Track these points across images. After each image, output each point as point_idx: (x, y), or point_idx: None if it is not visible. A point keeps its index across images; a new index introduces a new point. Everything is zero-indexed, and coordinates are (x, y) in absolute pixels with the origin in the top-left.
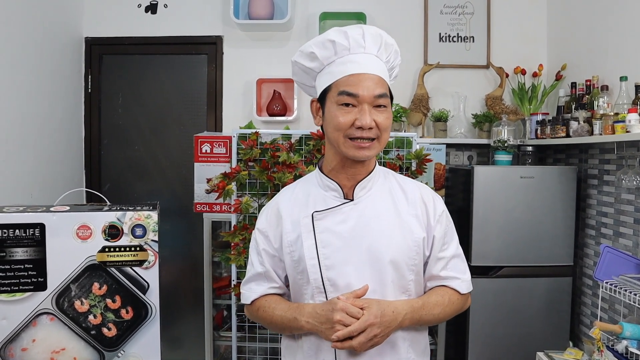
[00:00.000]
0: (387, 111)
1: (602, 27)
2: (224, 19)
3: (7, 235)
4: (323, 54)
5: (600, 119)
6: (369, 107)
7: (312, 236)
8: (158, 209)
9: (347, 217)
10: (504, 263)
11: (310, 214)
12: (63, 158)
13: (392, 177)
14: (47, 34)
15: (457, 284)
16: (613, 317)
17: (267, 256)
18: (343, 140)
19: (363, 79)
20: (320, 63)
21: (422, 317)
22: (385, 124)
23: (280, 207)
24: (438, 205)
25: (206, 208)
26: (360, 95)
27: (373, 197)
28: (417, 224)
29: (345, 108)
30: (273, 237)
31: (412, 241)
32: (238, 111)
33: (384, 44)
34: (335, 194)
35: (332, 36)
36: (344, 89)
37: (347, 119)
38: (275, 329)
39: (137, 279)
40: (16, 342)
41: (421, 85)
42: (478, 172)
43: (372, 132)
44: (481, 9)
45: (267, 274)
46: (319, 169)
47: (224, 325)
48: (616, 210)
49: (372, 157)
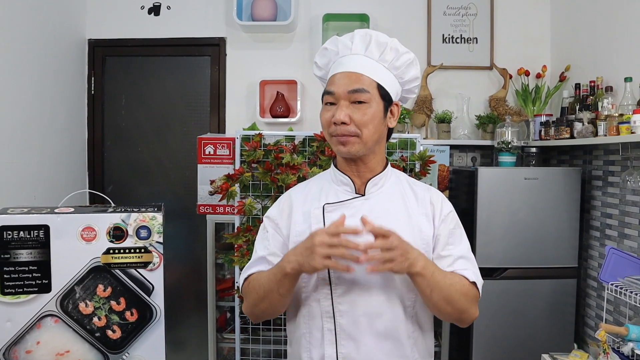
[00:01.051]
0: (367, 107)
1: (606, 27)
2: (227, 20)
3: (12, 237)
4: (322, 62)
5: (605, 120)
6: (345, 103)
7: (322, 227)
8: (163, 210)
9: (357, 212)
10: (508, 265)
11: (322, 206)
12: (66, 159)
13: (403, 177)
14: (51, 36)
15: (467, 273)
16: (618, 319)
17: (274, 241)
18: (329, 138)
19: (341, 77)
20: (325, 71)
21: (434, 273)
22: (361, 120)
23: (293, 199)
24: (445, 207)
25: (209, 210)
26: (334, 91)
27: (384, 195)
28: (426, 222)
29: (328, 107)
30: (283, 225)
31: (420, 240)
32: (241, 113)
33: (374, 43)
34: (347, 189)
35: (326, 44)
36: (326, 88)
37: (327, 116)
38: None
39: (141, 280)
40: (20, 345)
41: (424, 86)
42: (482, 174)
43: (346, 129)
44: (484, 10)
45: (268, 258)
46: (334, 165)
47: (227, 327)
48: (621, 212)
49: (360, 154)
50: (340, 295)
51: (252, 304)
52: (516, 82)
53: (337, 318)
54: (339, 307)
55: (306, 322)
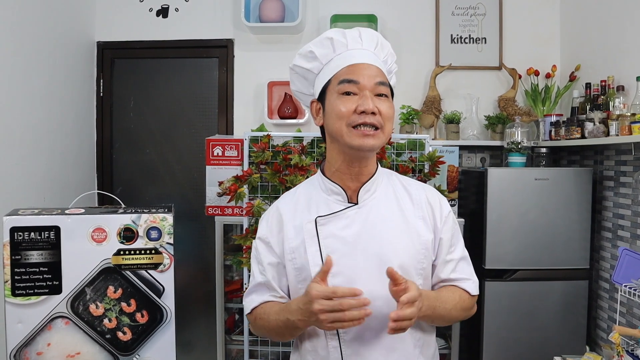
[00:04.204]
0: (389, 101)
1: (616, 26)
2: (234, 22)
3: (23, 238)
4: (322, 52)
5: (617, 119)
6: (370, 94)
7: (316, 242)
8: (173, 211)
9: (351, 222)
10: (519, 266)
11: (314, 219)
12: (75, 161)
13: (395, 178)
14: (60, 39)
15: (468, 285)
16: (631, 321)
17: (269, 265)
18: (347, 130)
19: (363, 67)
20: (319, 63)
21: (436, 307)
22: (388, 112)
23: (281, 212)
24: (444, 207)
25: (218, 211)
26: (361, 81)
27: (378, 200)
28: (424, 226)
29: (347, 97)
30: (275, 243)
31: (419, 244)
32: (249, 114)
33: (380, 44)
34: (339, 198)
35: (330, 34)
36: (344, 77)
37: (349, 106)
38: (277, 336)
39: (152, 282)
40: (31, 346)
41: (433, 87)
42: (492, 174)
43: (376, 119)
44: (493, 9)
45: (268, 284)
46: (321, 172)
47: (236, 329)
48: (633, 212)
49: (377, 149)
50: None
51: (262, 335)
52: (525, 82)
53: (342, 335)
54: None
55: (310, 340)
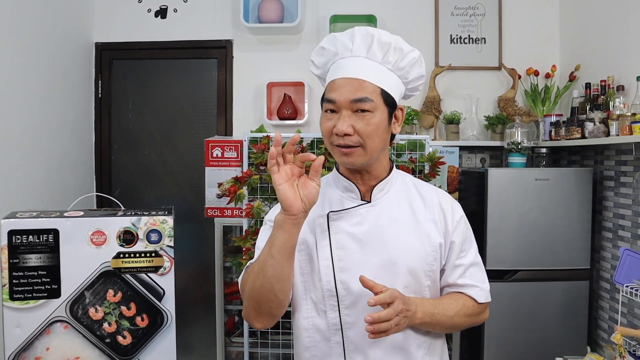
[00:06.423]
0: (371, 116)
1: (616, 26)
2: (233, 22)
3: (21, 241)
4: (320, 61)
5: (617, 119)
6: (347, 113)
7: (327, 236)
8: (173, 213)
9: (363, 219)
10: (520, 267)
11: (326, 214)
12: (74, 163)
13: (409, 180)
14: (58, 40)
15: (475, 292)
16: (632, 321)
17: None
18: (331, 147)
19: (343, 84)
20: (322, 71)
21: (434, 314)
22: (365, 130)
23: None
24: (457, 211)
25: (217, 213)
26: (336, 100)
27: (390, 200)
28: (434, 229)
29: (329, 114)
30: None
31: (429, 247)
32: (248, 115)
33: (377, 43)
34: (352, 195)
35: (324, 42)
36: (326, 95)
37: (328, 126)
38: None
39: (152, 285)
40: (30, 351)
41: (432, 87)
42: (492, 175)
43: (350, 140)
44: (492, 9)
45: None
46: (337, 170)
47: (236, 331)
48: (634, 212)
49: (362, 165)
50: (348, 307)
51: (249, 289)
52: (525, 82)
53: (345, 330)
54: (347, 319)
55: (310, 335)
